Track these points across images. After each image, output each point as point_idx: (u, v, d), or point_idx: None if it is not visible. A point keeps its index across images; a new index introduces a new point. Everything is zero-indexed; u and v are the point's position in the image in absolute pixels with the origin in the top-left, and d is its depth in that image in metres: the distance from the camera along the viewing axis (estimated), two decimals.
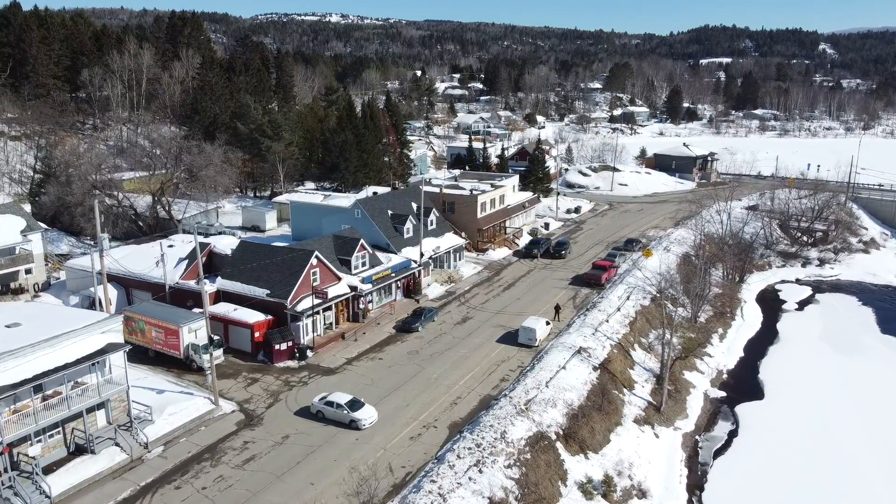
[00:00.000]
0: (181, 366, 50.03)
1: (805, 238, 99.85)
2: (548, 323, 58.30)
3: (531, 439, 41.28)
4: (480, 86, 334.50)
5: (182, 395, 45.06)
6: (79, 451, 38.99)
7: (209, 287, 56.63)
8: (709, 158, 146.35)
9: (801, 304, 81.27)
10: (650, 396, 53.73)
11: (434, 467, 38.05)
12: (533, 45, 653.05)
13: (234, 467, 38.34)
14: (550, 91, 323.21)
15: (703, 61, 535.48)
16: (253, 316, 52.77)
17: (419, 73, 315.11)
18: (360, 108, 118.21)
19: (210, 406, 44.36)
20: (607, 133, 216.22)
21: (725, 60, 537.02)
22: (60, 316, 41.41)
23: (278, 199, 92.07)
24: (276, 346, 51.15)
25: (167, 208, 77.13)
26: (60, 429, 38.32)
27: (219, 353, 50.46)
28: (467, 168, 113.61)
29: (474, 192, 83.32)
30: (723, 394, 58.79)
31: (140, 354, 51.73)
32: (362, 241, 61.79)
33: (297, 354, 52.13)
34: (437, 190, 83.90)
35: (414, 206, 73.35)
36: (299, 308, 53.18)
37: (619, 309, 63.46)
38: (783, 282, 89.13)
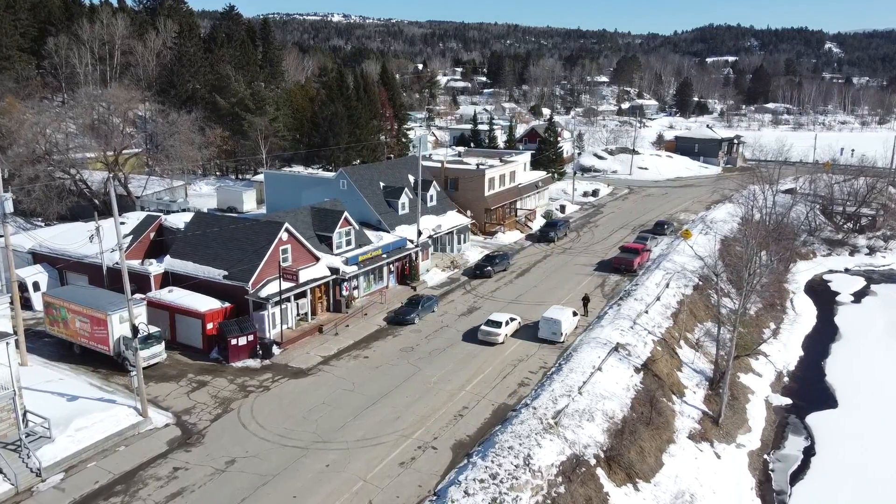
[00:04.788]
0: (113, 365, 39.25)
1: (850, 224, 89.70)
2: (575, 314, 47.37)
3: (565, 466, 30.31)
4: (484, 79, 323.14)
5: (100, 404, 34.13)
6: None
7: (155, 269, 46.06)
8: (735, 142, 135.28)
9: (857, 296, 71.27)
10: (704, 405, 42.90)
11: None
12: (536, 44, 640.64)
13: None
14: (556, 84, 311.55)
15: (709, 59, 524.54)
16: (205, 303, 41.83)
17: (421, 66, 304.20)
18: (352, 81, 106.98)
19: (136, 418, 33.52)
20: (616, 126, 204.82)
21: (731, 59, 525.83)
22: None
23: (258, 177, 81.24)
24: (233, 341, 40.28)
25: (123, 182, 66.30)
26: None
27: (159, 348, 39.62)
28: (472, 146, 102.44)
29: (481, 167, 72.32)
30: (788, 401, 48.16)
31: (63, 350, 41.36)
32: (346, 214, 50.78)
33: (261, 351, 41.22)
34: (438, 165, 72.97)
35: (411, 178, 62.42)
36: (264, 293, 42.36)
37: (658, 298, 52.47)
38: (831, 271, 79.13)
